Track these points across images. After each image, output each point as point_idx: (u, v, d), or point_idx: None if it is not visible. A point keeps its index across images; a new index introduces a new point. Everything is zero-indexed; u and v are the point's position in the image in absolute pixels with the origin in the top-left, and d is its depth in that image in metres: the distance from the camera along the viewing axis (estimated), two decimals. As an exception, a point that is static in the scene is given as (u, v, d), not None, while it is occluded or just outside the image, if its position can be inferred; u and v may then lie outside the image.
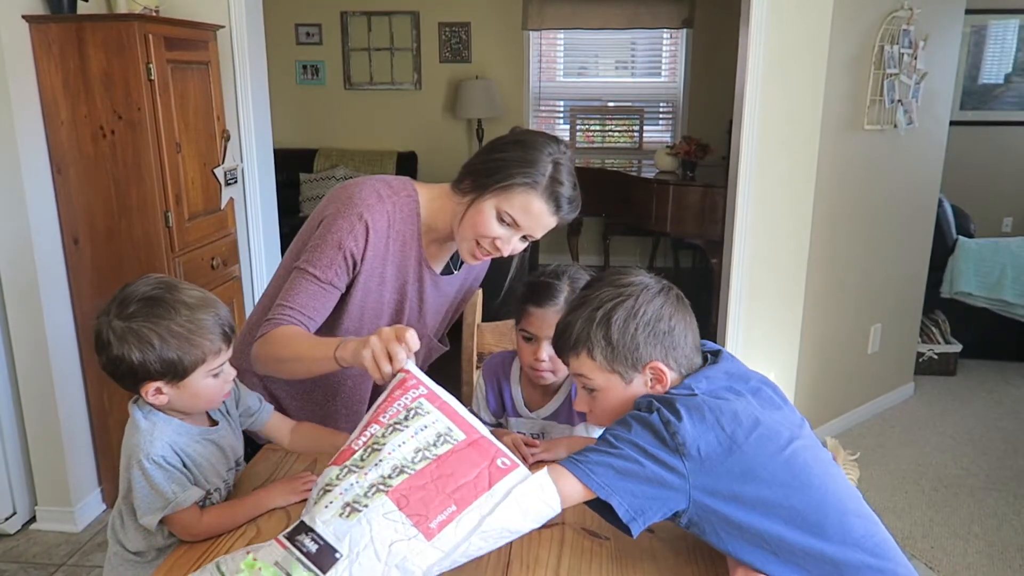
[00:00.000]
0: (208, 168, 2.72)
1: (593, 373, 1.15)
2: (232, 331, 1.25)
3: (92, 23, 2.37)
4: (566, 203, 1.41)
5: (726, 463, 1.04)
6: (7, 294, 2.50)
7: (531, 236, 1.44)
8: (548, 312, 1.48)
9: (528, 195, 1.38)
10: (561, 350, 1.19)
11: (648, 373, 1.13)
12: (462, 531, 0.98)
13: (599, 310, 1.13)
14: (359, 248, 1.42)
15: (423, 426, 1.05)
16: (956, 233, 4.18)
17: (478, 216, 1.41)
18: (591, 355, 1.14)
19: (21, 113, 2.37)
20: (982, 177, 5.44)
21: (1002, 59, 5.49)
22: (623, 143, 6.11)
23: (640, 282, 1.15)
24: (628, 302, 1.13)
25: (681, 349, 1.15)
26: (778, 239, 2.95)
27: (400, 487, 0.99)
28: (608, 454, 1.05)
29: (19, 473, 2.64)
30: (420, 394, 1.10)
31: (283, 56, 5.75)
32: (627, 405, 1.13)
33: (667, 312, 1.14)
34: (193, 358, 1.19)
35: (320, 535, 0.96)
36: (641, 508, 1.04)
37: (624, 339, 1.12)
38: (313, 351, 1.34)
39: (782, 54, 2.78)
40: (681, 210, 4.37)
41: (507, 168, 1.39)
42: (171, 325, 1.18)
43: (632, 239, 5.84)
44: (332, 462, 1.07)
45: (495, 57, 5.88)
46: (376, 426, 1.06)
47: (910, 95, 3.19)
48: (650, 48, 6.01)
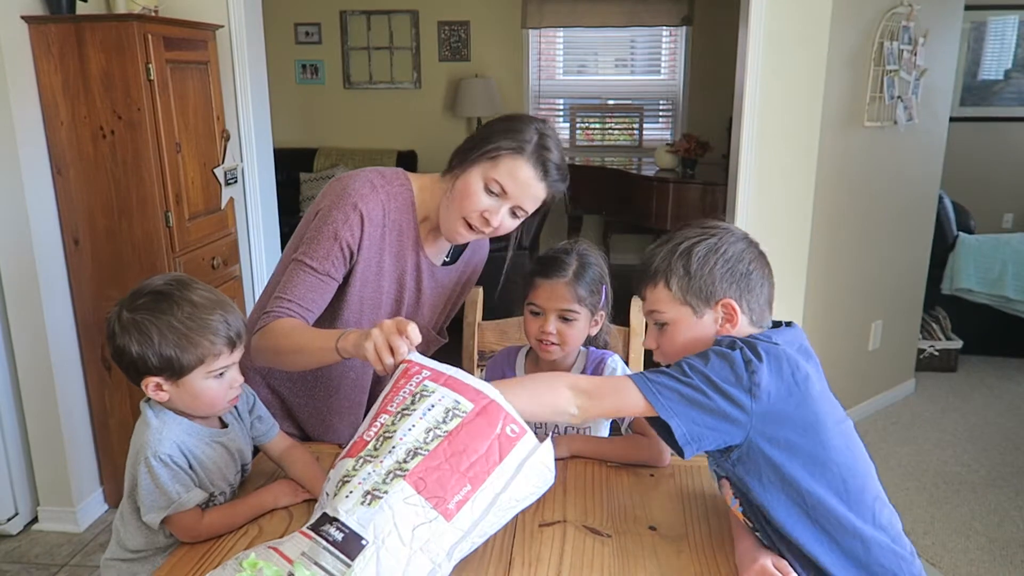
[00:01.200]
0: (208, 168, 2.72)
1: (666, 305, 1.18)
2: (239, 337, 1.24)
3: (91, 23, 2.37)
4: (554, 169, 1.41)
5: (792, 415, 1.08)
6: (8, 294, 2.50)
7: (520, 208, 1.43)
8: (557, 284, 1.49)
9: (515, 160, 1.38)
10: (641, 283, 1.22)
11: (720, 310, 1.17)
12: (478, 509, 1.02)
13: (681, 244, 1.18)
14: (355, 238, 1.43)
15: (430, 406, 1.07)
16: (957, 229, 4.18)
17: (465, 188, 1.41)
18: (668, 284, 1.17)
19: (21, 114, 2.36)
20: (982, 173, 5.44)
21: (1002, 55, 5.49)
22: (623, 141, 6.11)
23: (726, 227, 1.20)
24: (711, 240, 1.17)
25: (756, 296, 1.18)
26: (778, 236, 2.95)
27: (416, 470, 1.00)
28: (678, 380, 1.09)
29: (21, 474, 2.64)
30: (424, 377, 1.12)
31: (282, 55, 5.75)
32: (695, 343, 1.16)
33: (748, 256, 1.18)
34: (191, 357, 1.19)
35: (345, 524, 0.97)
36: (698, 435, 1.07)
37: (702, 271, 1.15)
38: (314, 343, 1.34)
39: (782, 51, 2.77)
40: (681, 208, 4.37)
41: (492, 137, 1.40)
42: (172, 321, 1.18)
43: (632, 237, 5.84)
44: (345, 454, 1.08)
45: (494, 56, 5.88)
46: (385, 415, 1.08)
47: (910, 91, 3.19)
48: (650, 46, 6.00)
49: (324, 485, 1.09)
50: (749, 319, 1.18)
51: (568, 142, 6.11)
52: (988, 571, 2.51)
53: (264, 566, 0.94)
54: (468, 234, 1.45)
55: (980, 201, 5.03)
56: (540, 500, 1.32)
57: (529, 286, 1.54)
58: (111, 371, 2.63)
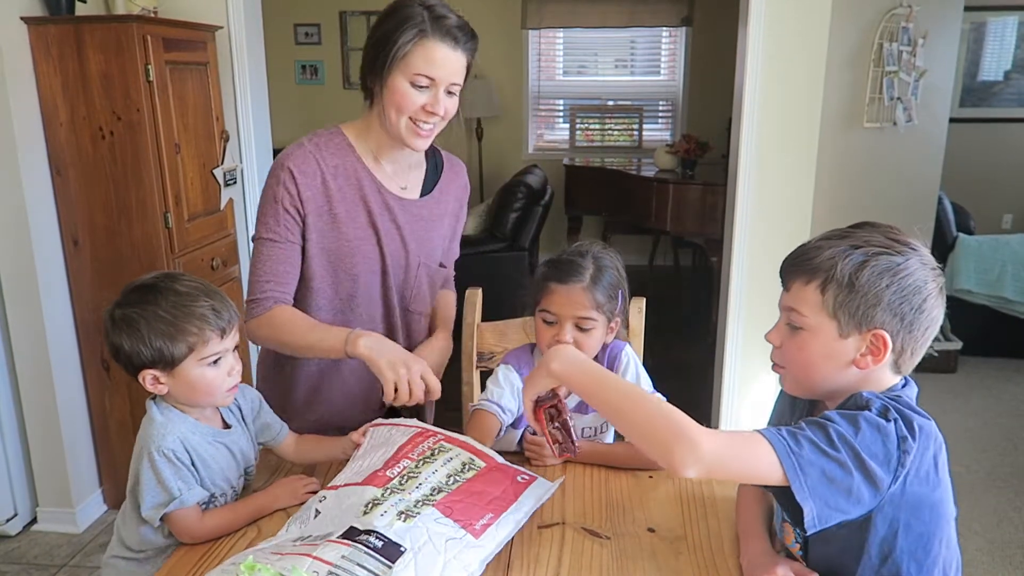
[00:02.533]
0: (207, 169, 2.72)
1: (810, 310, 1.03)
2: (230, 323, 1.25)
3: (90, 24, 2.37)
4: (459, 32, 1.39)
5: (922, 500, 0.97)
6: (7, 295, 2.50)
7: (452, 84, 1.41)
8: (573, 289, 1.42)
9: (423, 46, 1.36)
10: (792, 271, 1.06)
11: (868, 340, 1.01)
12: (502, 533, 1.13)
13: (860, 249, 1.00)
14: (293, 193, 1.44)
15: (449, 458, 1.21)
16: (956, 230, 4.18)
17: (394, 96, 1.39)
18: (823, 288, 1.01)
19: (20, 115, 2.37)
20: (982, 174, 5.44)
21: (1001, 56, 5.49)
22: (623, 142, 6.11)
23: (917, 247, 1.02)
24: (896, 258, 0.99)
25: (915, 338, 1.01)
26: (778, 237, 2.95)
27: (443, 501, 1.12)
28: (825, 453, 0.93)
29: (20, 474, 2.64)
30: (440, 438, 1.25)
31: (282, 56, 5.75)
32: (825, 363, 1.03)
33: (928, 291, 1.00)
34: (181, 346, 1.21)
35: (383, 534, 1.03)
36: (827, 518, 0.94)
37: (869, 290, 0.98)
38: (323, 342, 1.40)
39: (781, 52, 2.77)
40: (681, 208, 4.36)
41: (388, 40, 1.37)
42: (157, 311, 1.20)
43: (632, 237, 5.84)
44: (365, 482, 1.15)
45: (494, 56, 5.88)
46: (407, 460, 1.19)
47: (909, 92, 3.20)
48: (649, 46, 6.00)
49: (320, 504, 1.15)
50: (895, 360, 1.02)
51: (568, 143, 6.12)
52: (987, 572, 2.51)
53: (262, 569, 0.94)
54: (422, 134, 1.44)
55: (979, 202, 5.03)
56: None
57: (541, 291, 1.46)
58: (110, 372, 2.63)
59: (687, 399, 3.94)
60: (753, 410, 3.14)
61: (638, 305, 1.75)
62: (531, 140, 6.15)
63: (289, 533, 1.14)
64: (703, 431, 0.95)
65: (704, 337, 4.16)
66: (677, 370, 3.96)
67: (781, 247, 3.09)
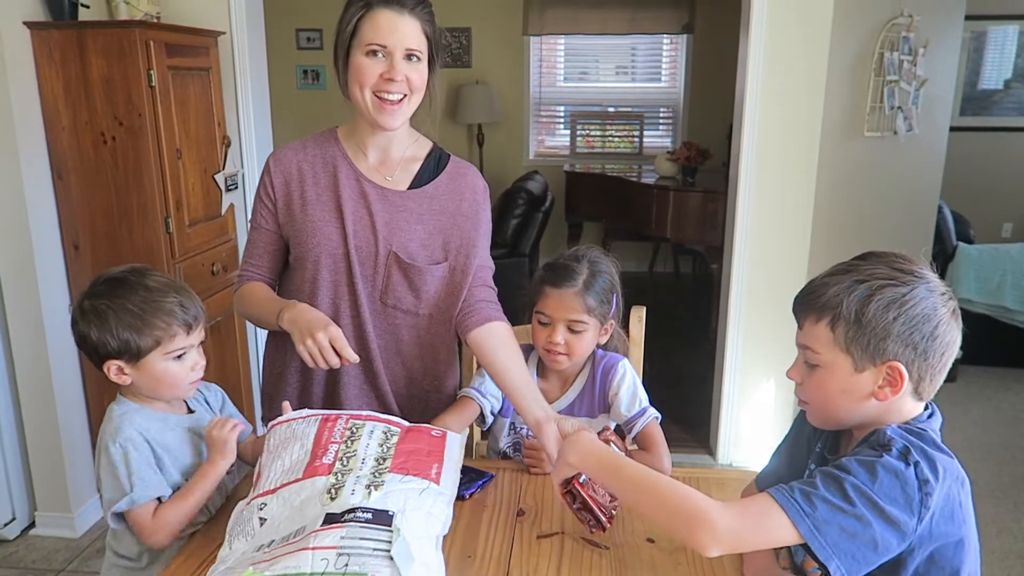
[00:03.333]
0: (208, 174, 2.72)
1: (823, 347, 1.02)
2: (196, 320, 1.29)
3: (93, 30, 2.37)
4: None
5: (947, 536, 0.96)
6: (7, 299, 2.50)
7: (410, 51, 1.42)
8: (566, 294, 1.47)
9: (370, 17, 1.40)
10: (801, 309, 1.06)
11: (884, 372, 1.00)
12: (452, 477, 1.22)
13: (864, 284, 0.99)
14: (267, 183, 1.54)
15: (370, 431, 1.24)
16: (956, 239, 4.18)
17: (354, 72, 1.43)
18: (832, 326, 1.01)
19: (22, 119, 2.37)
20: (982, 183, 5.45)
21: (1002, 65, 5.50)
22: (623, 148, 6.12)
23: (923, 275, 1.01)
24: (901, 288, 0.98)
25: (932, 365, 1.00)
26: (778, 245, 2.96)
27: (394, 465, 1.17)
28: (841, 510, 0.93)
29: (18, 479, 2.64)
30: (347, 418, 1.27)
31: (284, 61, 5.75)
32: (845, 398, 1.03)
33: (939, 317, 0.99)
34: (147, 339, 1.24)
35: (366, 507, 1.07)
36: (856, 570, 0.93)
37: (877, 323, 0.98)
38: (267, 315, 1.48)
39: (782, 60, 2.78)
40: (681, 216, 4.37)
41: (343, 23, 1.42)
42: (126, 304, 1.24)
43: (632, 244, 5.84)
44: (309, 475, 1.14)
45: (495, 62, 5.89)
46: (334, 445, 1.21)
47: (910, 101, 3.20)
48: (650, 53, 6.02)
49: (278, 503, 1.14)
50: (915, 389, 1.01)
51: (569, 149, 6.12)
52: (987, 582, 2.50)
53: (261, 576, 0.94)
54: (387, 107, 1.44)
55: (979, 211, 5.04)
56: (538, 511, 1.33)
57: (537, 293, 1.52)
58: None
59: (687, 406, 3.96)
60: (752, 416, 3.14)
61: (638, 314, 1.75)
62: (532, 146, 6.15)
63: (235, 550, 1.10)
64: (717, 509, 0.97)
65: (704, 344, 4.16)
66: (677, 377, 3.96)
67: (781, 255, 3.12)
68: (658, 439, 1.49)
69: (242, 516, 1.15)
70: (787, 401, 3.11)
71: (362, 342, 1.54)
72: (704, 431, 3.35)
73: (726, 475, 1.58)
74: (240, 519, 1.14)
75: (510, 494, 1.40)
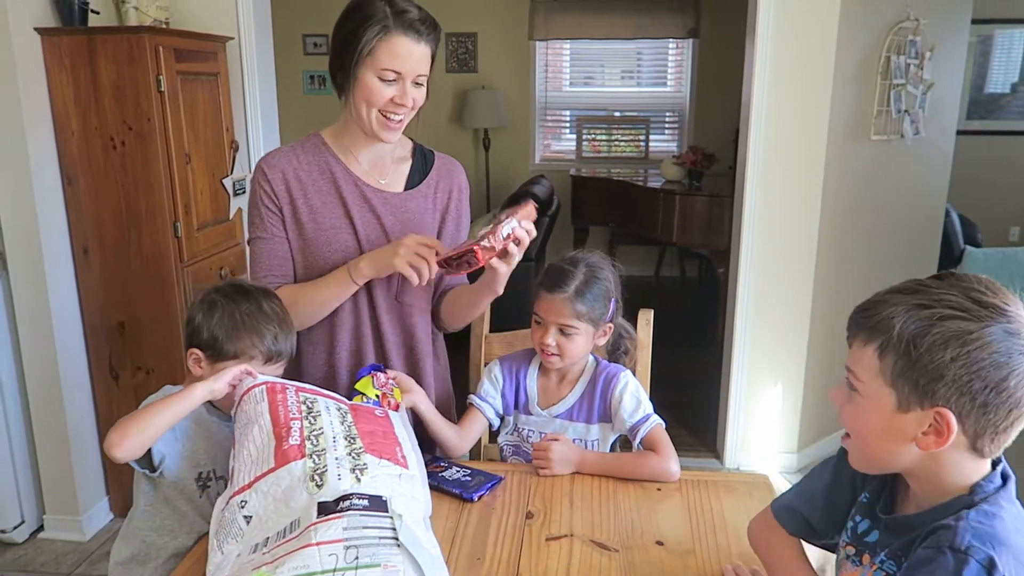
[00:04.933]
0: (217, 178, 2.73)
1: (868, 375, 0.89)
2: (279, 355, 1.36)
3: (103, 35, 2.39)
4: (421, 25, 1.40)
5: None
6: (17, 303, 2.51)
7: (418, 76, 1.43)
8: (556, 298, 1.50)
9: (387, 41, 1.39)
10: (855, 325, 0.93)
11: (931, 418, 0.85)
12: (415, 456, 1.23)
13: (927, 309, 0.84)
14: (268, 191, 1.52)
15: (326, 407, 1.24)
16: (963, 243, 4.17)
17: (363, 91, 1.43)
18: (881, 352, 0.87)
19: (33, 124, 2.38)
20: (989, 186, 5.44)
21: (1008, 68, 5.49)
22: (629, 153, 6.12)
23: (1006, 311, 0.83)
24: (969, 323, 0.82)
25: (992, 419, 0.84)
26: (785, 249, 2.95)
27: (365, 447, 1.16)
28: None
29: (27, 482, 2.65)
30: (292, 390, 1.26)
31: (291, 66, 5.78)
32: (881, 438, 0.90)
33: (1015, 367, 0.82)
34: (232, 347, 1.32)
35: (360, 493, 1.05)
36: None
37: (930, 358, 0.83)
38: (330, 287, 1.47)
39: (788, 64, 2.78)
40: (687, 220, 4.37)
41: (354, 38, 1.40)
42: (235, 309, 1.33)
43: (639, 248, 5.84)
44: (282, 463, 1.11)
45: (501, 67, 5.90)
46: (296, 423, 1.18)
47: (916, 105, 3.20)
48: (656, 58, 6.02)
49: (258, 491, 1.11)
50: (971, 444, 0.86)
51: (575, 153, 6.13)
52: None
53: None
54: (392, 125, 1.46)
55: (987, 214, 5.03)
56: (547, 514, 1.33)
57: (535, 295, 1.56)
58: (118, 380, 2.64)
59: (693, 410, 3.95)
60: (759, 420, 3.13)
61: (646, 317, 1.76)
62: (538, 150, 6.16)
63: (228, 553, 1.08)
64: None
65: (710, 348, 4.16)
66: (683, 381, 3.95)
67: (788, 259, 3.11)
68: (664, 442, 1.49)
69: (225, 518, 1.12)
70: (794, 405, 3.10)
71: (379, 343, 1.58)
72: (711, 435, 3.34)
73: (733, 478, 1.57)
74: (224, 521, 1.12)
75: (519, 497, 1.40)
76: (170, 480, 1.33)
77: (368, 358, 1.57)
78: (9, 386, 2.55)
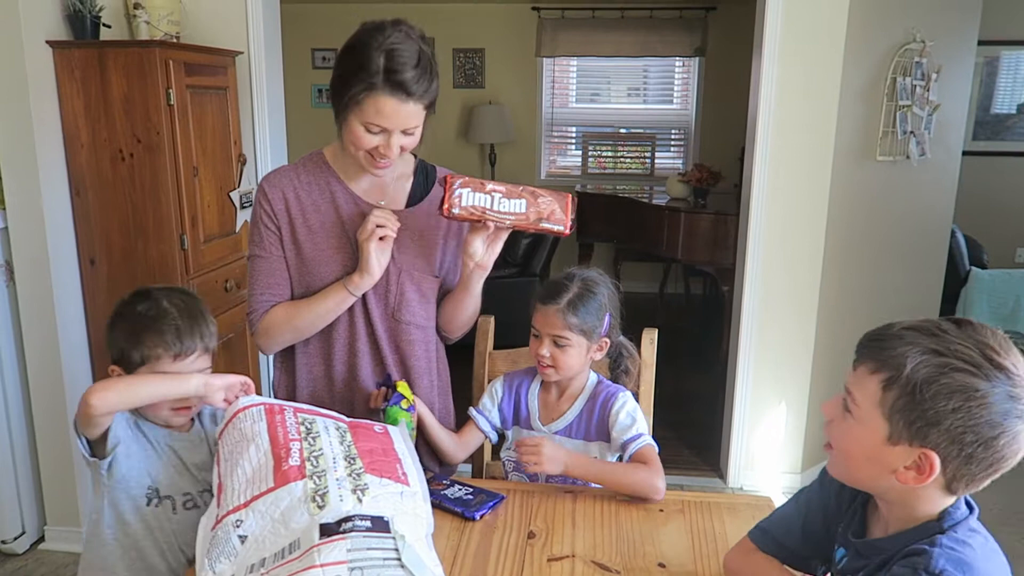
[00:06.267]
0: (224, 191, 2.75)
1: (867, 402, 0.92)
2: (188, 352, 1.28)
3: (114, 49, 2.41)
4: (413, 85, 1.37)
5: None
6: (23, 312, 2.52)
7: (408, 130, 1.43)
8: (550, 310, 1.53)
9: (373, 99, 1.37)
10: (865, 351, 0.95)
11: (916, 456, 0.89)
12: (416, 472, 1.23)
13: (941, 357, 0.87)
14: (267, 209, 1.53)
15: (325, 427, 1.23)
16: (969, 264, 4.17)
17: (351, 135, 1.43)
18: (886, 385, 0.90)
19: (43, 136, 2.40)
20: (995, 207, 5.43)
21: (1015, 89, 5.50)
22: (635, 169, 6.14)
23: (1014, 375, 0.87)
24: (978, 381, 0.85)
25: (974, 473, 0.89)
26: (790, 268, 2.95)
27: (365, 466, 1.15)
28: None
29: (29, 493, 2.65)
30: (290, 410, 1.25)
31: (299, 80, 5.82)
32: (865, 462, 0.94)
33: (1006, 429, 0.86)
34: (136, 354, 1.25)
35: (361, 514, 1.05)
36: None
37: (933, 404, 0.86)
38: (327, 300, 1.48)
39: (794, 84, 2.79)
40: (692, 237, 4.37)
41: (346, 83, 1.40)
42: (132, 315, 1.28)
43: (644, 265, 5.84)
44: (282, 483, 1.10)
45: (508, 83, 5.94)
46: (295, 443, 1.17)
47: (923, 127, 3.20)
48: (662, 75, 6.05)
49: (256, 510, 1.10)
50: (946, 485, 0.91)
51: (580, 169, 6.15)
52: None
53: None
54: (380, 164, 1.46)
55: (993, 235, 5.02)
56: (549, 534, 1.32)
57: (532, 308, 1.59)
58: (122, 391, 2.64)
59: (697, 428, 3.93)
60: (763, 439, 3.12)
61: (650, 336, 1.76)
62: (544, 166, 6.18)
63: (220, 573, 1.06)
64: None
65: (715, 366, 4.15)
66: (687, 399, 3.94)
67: (793, 278, 3.10)
68: (653, 460, 1.49)
69: (217, 537, 1.09)
70: (798, 425, 3.09)
71: (378, 359, 1.58)
72: (715, 454, 3.33)
73: (737, 499, 1.57)
74: (216, 540, 1.09)
75: (520, 516, 1.39)
76: (118, 478, 1.28)
77: (364, 373, 1.58)
78: (13, 396, 2.56)
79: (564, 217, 1.45)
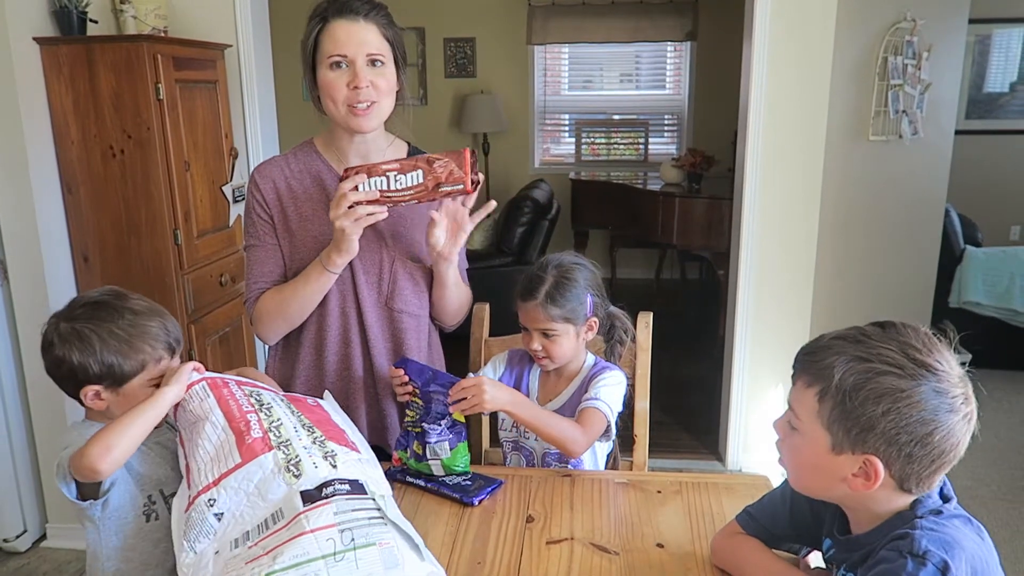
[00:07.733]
0: (216, 186, 2.74)
1: (807, 416, 0.95)
2: (178, 343, 1.27)
3: (102, 44, 2.40)
4: (358, 4, 1.42)
5: None
6: (18, 311, 2.52)
7: (372, 56, 1.43)
8: (529, 306, 1.55)
9: (326, 31, 1.43)
10: (799, 367, 0.98)
11: (860, 463, 0.91)
12: (358, 437, 1.27)
13: (865, 363, 0.90)
14: (260, 199, 1.55)
15: (271, 398, 1.23)
16: (963, 242, 4.17)
17: (323, 88, 1.45)
18: (820, 397, 0.92)
19: (32, 133, 2.39)
20: (988, 186, 5.43)
21: (1007, 68, 5.50)
22: (628, 156, 6.13)
23: (937, 370, 0.89)
24: (903, 382, 0.88)
25: (918, 471, 0.91)
26: (785, 250, 2.95)
27: (327, 436, 1.18)
28: None
29: (29, 491, 2.65)
30: (234, 382, 1.24)
31: (289, 72, 5.74)
32: (815, 474, 0.97)
33: (939, 423, 0.88)
34: (133, 363, 1.22)
35: (339, 479, 1.07)
36: None
37: (864, 410, 0.89)
38: (309, 280, 1.47)
39: (786, 66, 2.79)
40: (687, 222, 4.37)
41: (306, 38, 1.46)
42: (113, 328, 1.21)
43: (639, 251, 5.85)
44: (249, 457, 1.09)
45: (500, 72, 5.92)
46: (252, 415, 1.16)
47: (914, 106, 3.20)
48: (654, 61, 6.03)
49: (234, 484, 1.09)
50: (898, 485, 0.92)
51: (574, 157, 6.14)
52: (1000, 587, 2.49)
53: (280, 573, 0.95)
54: (360, 113, 1.45)
55: (987, 214, 5.03)
56: (548, 518, 1.33)
57: (515, 305, 1.60)
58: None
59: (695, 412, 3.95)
60: (761, 421, 3.13)
61: (645, 320, 1.76)
62: (537, 154, 6.17)
63: (203, 552, 1.05)
64: None
65: (711, 351, 4.16)
66: (685, 383, 3.95)
67: (788, 260, 3.11)
68: (591, 421, 1.48)
69: (192, 518, 1.08)
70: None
71: (366, 348, 1.58)
72: (713, 437, 3.34)
73: (733, 479, 1.57)
74: (191, 521, 1.08)
75: (519, 501, 1.40)
76: (112, 509, 1.24)
77: (356, 363, 1.58)
78: (11, 395, 2.56)
79: (463, 175, 1.38)
